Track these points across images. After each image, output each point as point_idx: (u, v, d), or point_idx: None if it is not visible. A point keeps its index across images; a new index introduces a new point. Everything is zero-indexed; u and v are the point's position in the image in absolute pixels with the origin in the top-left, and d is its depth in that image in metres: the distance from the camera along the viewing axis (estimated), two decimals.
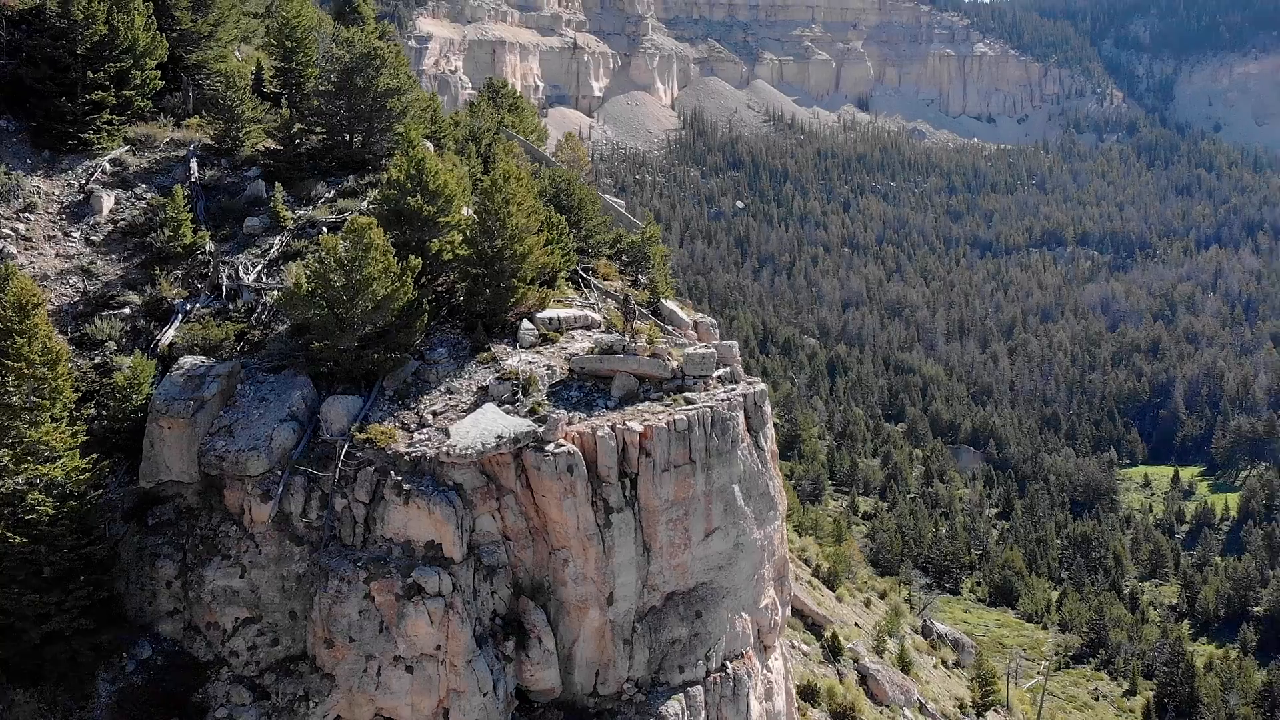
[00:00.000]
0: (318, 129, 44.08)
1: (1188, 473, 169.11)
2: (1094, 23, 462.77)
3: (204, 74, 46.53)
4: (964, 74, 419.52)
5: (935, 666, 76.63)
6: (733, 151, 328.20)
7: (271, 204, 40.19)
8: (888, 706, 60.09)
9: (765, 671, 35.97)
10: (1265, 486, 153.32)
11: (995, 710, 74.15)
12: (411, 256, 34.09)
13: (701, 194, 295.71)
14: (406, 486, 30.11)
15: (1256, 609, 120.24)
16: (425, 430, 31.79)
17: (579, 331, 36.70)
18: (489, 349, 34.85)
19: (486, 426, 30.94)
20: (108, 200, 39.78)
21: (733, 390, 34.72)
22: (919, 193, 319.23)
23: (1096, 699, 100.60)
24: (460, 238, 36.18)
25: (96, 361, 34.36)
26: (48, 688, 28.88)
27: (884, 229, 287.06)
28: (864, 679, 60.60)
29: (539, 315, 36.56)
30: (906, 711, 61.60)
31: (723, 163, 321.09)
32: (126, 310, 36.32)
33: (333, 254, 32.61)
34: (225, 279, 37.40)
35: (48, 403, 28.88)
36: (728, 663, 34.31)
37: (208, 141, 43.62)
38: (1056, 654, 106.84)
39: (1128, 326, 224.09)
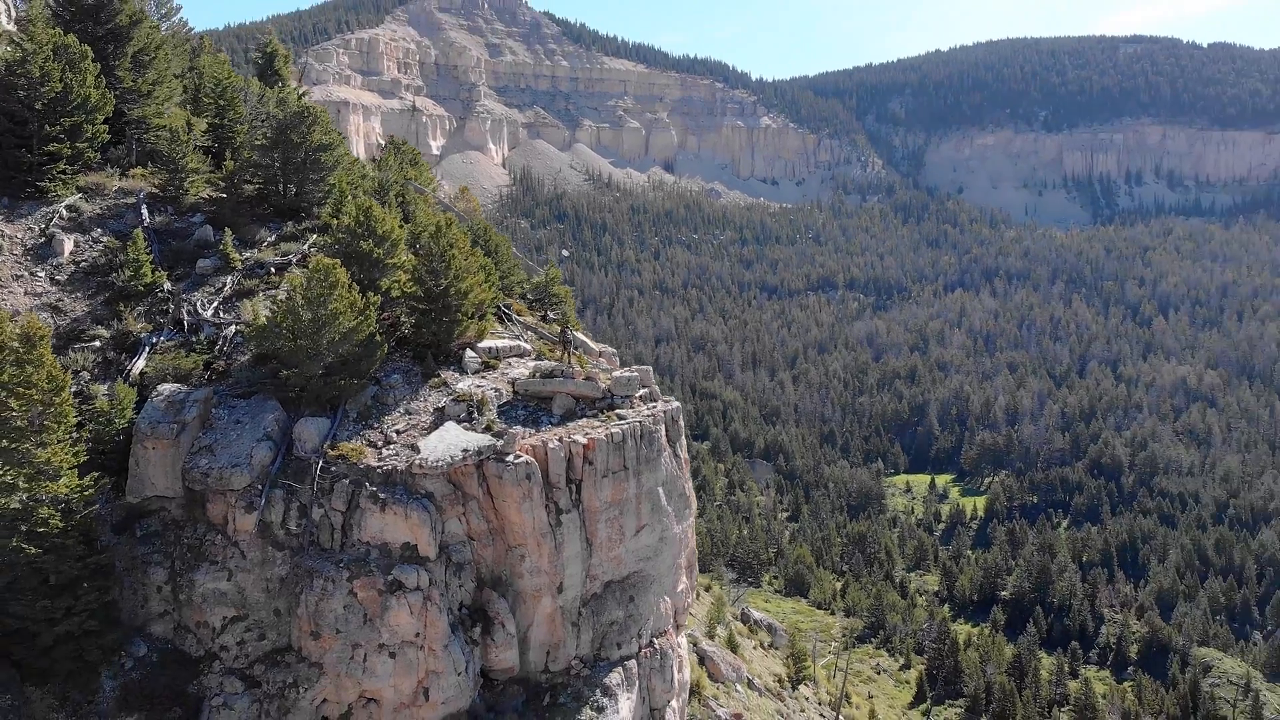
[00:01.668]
0: (254, 180, 43.38)
1: (942, 479, 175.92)
2: (859, 101, 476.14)
3: (144, 128, 45.16)
4: (752, 143, 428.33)
5: (755, 648, 78.02)
6: (558, 206, 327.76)
7: (222, 246, 39.25)
8: (724, 683, 61.15)
9: (678, 646, 36.88)
10: (1006, 490, 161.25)
11: (805, 684, 76.89)
12: (370, 293, 34.17)
13: (531, 243, 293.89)
14: (382, 496, 30.00)
15: (1003, 593, 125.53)
16: (392, 446, 31.71)
17: (514, 359, 37.00)
18: (439, 375, 34.91)
19: (452, 441, 31.05)
20: (68, 243, 38.04)
21: (654, 407, 35.57)
22: (717, 244, 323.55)
23: (878, 673, 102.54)
24: (407, 277, 36.31)
25: (73, 390, 33.08)
26: (57, 685, 27.73)
27: (689, 275, 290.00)
28: (703, 660, 61.51)
29: (479, 345, 36.71)
30: (738, 687, 62.97)
31: (549, 216, 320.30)
32: (97, 343, 34.96)
33: (300, 290, 32.45)
34: (186, 314, 36.40)
35: (54, 425, 27.90)
36: (654, 639, 35.08)
37: (153, 190, 42.20)
38: (844, 635, 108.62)
39: (889, 357, 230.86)
